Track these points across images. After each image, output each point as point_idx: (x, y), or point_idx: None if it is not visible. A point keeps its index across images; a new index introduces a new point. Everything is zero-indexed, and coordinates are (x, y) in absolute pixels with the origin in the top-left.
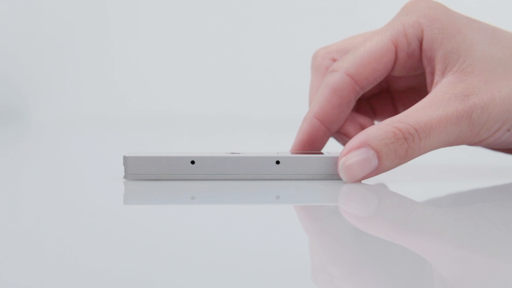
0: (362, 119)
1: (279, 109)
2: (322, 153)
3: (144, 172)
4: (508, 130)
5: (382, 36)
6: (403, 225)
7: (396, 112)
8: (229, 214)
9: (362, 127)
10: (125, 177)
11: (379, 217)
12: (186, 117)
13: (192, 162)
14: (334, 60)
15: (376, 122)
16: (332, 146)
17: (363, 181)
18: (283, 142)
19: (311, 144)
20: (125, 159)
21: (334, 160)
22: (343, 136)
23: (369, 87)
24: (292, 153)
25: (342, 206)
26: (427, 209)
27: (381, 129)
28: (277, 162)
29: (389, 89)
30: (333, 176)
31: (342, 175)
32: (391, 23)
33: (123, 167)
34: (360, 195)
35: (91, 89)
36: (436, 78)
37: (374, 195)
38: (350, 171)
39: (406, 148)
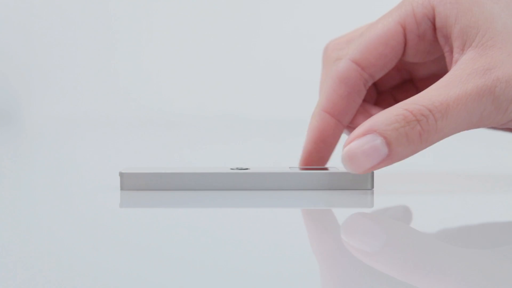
0: (377, 111)
1: (279, 109)
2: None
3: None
4: None
5: (389, 18)
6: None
7: None
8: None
9: None
10: None
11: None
12: (185, 118)
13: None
14: None
15: None
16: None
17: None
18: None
19: (323, 141)
20: None
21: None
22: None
23: (379, 74)
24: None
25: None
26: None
27: (390, 113)
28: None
29: (412, 79)
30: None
31: (346, 165)
32: (399, 4)
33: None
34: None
35: (86, 90)
36: (455, 56)
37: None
38: (355, 161)
39: (419, 131)
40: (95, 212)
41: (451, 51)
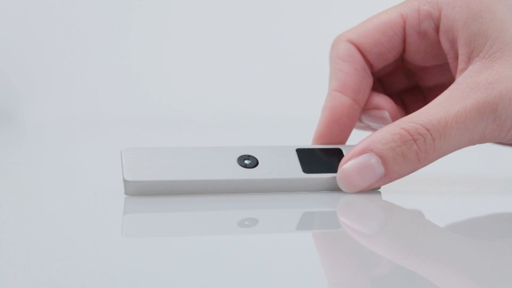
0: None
1: (280, 108)
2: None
3: None
4: None
5: (393, 9)
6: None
7: None
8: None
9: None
10: None
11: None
12: (187, 115)
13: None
14: None
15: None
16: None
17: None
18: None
19: (336, 121)
20: None
21: None
22: (374, 111)
23: (377, 63)
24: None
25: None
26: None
27: (387, 131)
28: None
29: (419, 86)
30: None
31: (341, 185)
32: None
33: None
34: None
35: (88, 89)
36: (461, 64)
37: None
38: (349, 180)
39: (416, 151)
40: (97, 215)
41: (456, 58)
